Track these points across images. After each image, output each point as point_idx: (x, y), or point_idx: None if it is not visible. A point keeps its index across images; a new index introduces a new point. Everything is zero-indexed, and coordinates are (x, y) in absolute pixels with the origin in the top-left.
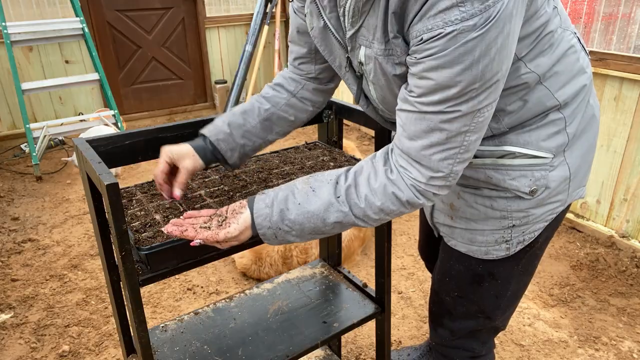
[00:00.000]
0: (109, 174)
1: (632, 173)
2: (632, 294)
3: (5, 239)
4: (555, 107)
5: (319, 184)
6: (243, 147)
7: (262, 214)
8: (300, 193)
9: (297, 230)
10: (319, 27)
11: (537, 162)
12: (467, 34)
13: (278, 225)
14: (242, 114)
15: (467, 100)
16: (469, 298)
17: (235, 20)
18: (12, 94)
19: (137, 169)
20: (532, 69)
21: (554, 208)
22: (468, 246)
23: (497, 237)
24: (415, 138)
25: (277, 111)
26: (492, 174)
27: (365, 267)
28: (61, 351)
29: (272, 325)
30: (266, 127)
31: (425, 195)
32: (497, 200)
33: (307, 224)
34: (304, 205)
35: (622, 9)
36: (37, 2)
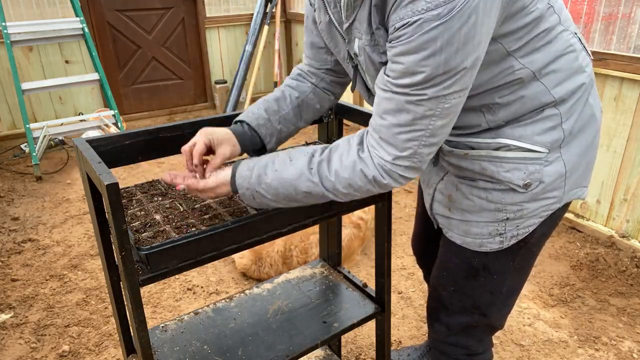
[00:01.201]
0: (109, 174)
1: (632, 173)
2: (632, 294)
3: (5, 239)
4: (551, 103)
5: (297, 155)
6: (280, 132)
7: (242, 175)
8: (279, 161)
9: (272, 195)
10: (325, 21)
11: (532, 155)
12: (430, 23)
13: (255, 187)
14: (276, 101)
15: (432, 86)
16: (464, 292)
17: (235, 20)
18: (12, 94)
19: (137, 169)
20: (525, 65)
21: (548, 204)
22: (463, 238)
23: (491, 230)
24: (385, 116)
25: (306, 99)
26: (487, 166)
27: (365, 267)
28: (61, 351)
29: (272, 325)
30: (297, 113)
31: (390, 175)
32: (492, 193)
33: (280, 190)
34: (280, 171)
35: (622, 9)
36: (37, 2)
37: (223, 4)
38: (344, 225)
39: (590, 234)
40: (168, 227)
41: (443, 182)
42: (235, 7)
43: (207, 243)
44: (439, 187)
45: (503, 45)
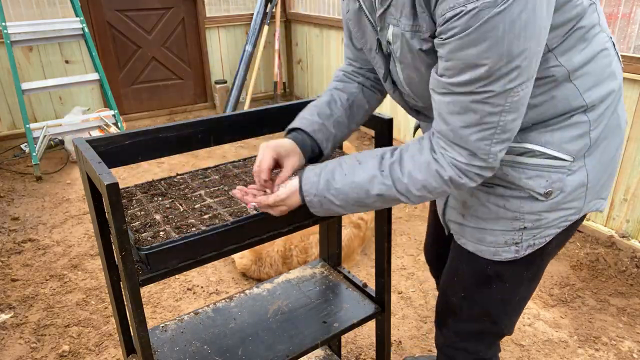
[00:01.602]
0: (109, 174)
1: (632, 173)
2: (632, 294)
3: (5, 239)
4: (581, 109)
5: (366, 158)
6: (335, 136)
7: (310, 181)
8: (347, 165)
9: (341, 200)
10: (354, 9)
11: (556, 163)
12: (489, 10)
13: (324, 193)
14: (327, 104)
15: (497, 79)
16: (474, 300)
17: (235, 20)
18: (12, 94)
19: (137, 169)
20: (561, 63)
21: (568, 215)
22: (477, 245)
23: (507, 239)
24: (450, 119)
25: (356, 100)
26: (508, 171)
27: (365, 267)
28: (61, 351)
29: (272, 325)
30: (349, 115)
31: (467, 175)
32: (510, 200)
33: (351, 194)
34: (350, 176)
35: (622, 9)
36: (37, 2)
37: (223, 4)
38: (344, 225)
39: (590, 234)
40: (168, 227)
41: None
42: (235, 7)
43: (207, 243)
44: (452, 193)
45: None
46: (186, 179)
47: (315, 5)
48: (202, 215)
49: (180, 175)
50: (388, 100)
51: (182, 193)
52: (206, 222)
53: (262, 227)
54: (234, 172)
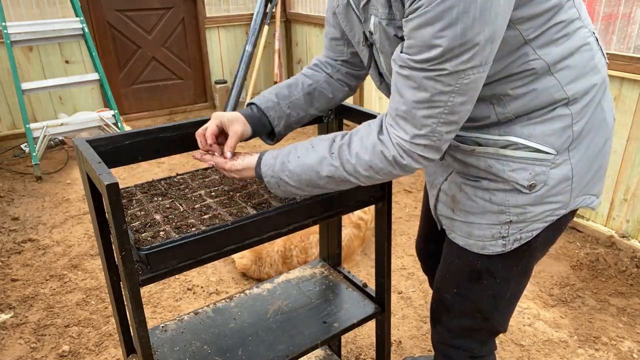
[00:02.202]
0: (109, 174)
1: (632, 173)
2: (632, 294)
3: (5, 239)
4: (563, 101)
5: (318, 142)
6: (289, 116)
7: (267, 163)
8: (301, 148)
9: (295, 181)
10: (343, 4)
11: (539, 156)
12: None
13: (279, 174)
14: (287, 87)
15: (450, 59)
16: (466, 296)
17: (235, 20)
18: (12, 94)
19: (137, 169)
20: (540, 56)
21: (553, 209)
22: (466, 239)
23: (494, 232)
24: (403, 93)
25: (318, 87)
26: (493, 163)
27: (365, 267)
28: (61, 351)
29: (272, 325)
30: (308, 100)
31: (410, 155)
32: (495, 194)
33: (303, 175)
34: (302, 158)
35: (622, 9)
36: (37, 2)
37: (223, 4)
38: (344, 225)
39: (590, 234)
40: (168, 227)
41: (447, 183)
42: (235, 7)
43: (207, 243)
44: (443, 188)
45: (520, 32)
46: (186, 179)
47: (315, 5)
48: (202, 215)
49: (180, 175)
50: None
51: (182, 193)
52: (206, 222)
53: (262, 227)
54: None
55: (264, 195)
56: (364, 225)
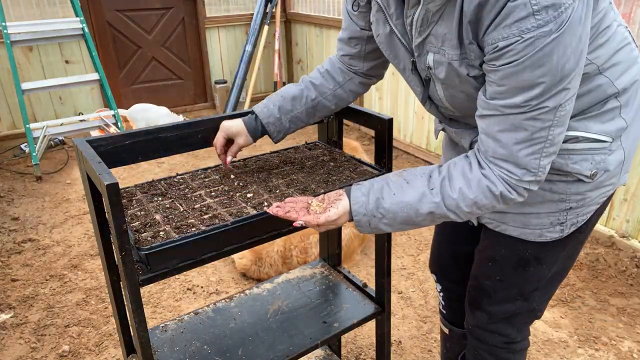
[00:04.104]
0: (109, 174)
1: (632, 173)
2: (632, 294)
3: (5, 239)
4: (614, 95)
5: (413, 177)
6: (288, 129)
7: (359, 201)
8: (395, 184)
9: (389, 219)
10: (385, 33)
11: (598, 146)
12: (545, 39)
13: (373, 212)
14: (292, 100)
15: (550, 97)
16: (510, 282)
17: (235, 20)
18: (12, 94)
19: (137, 169)
20: (592, 60)
21: (607, 191)
22: (521, 230)
23: (553, 220)
24: (501, 138)
25: (323, 100)
26: (555, 159)
27: (365, 267)
28: (61, 351)
29: (272, 325)
30: (310, 114)
31: (517, 190)
32: (556, 184)
33: (400, 213)
34: (399, 195)
35: (622, 9)
36: (37, 2)
37: (223, 4)
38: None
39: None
40: (168, 227)
41: None
42: (235, 7)
43: (207, 243)
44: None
45: None
46: (186, 179)
47: (315, 5)
48: (202, 215)
49: (180, 175)
50: (387, 99)
51: (182, 193)
52: (206, 222)
53: (262, 227)
54: (234, 172)
55: (264, 195)
56: None
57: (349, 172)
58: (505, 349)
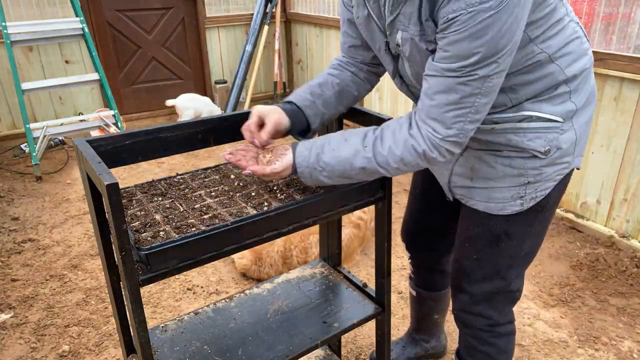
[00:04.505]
0: (109, 174)
1: (632, 173)
2: (632, 294)
3: (5, 239)
4: (564, 81)
5: (350, 136)
6: (323, 115)
7: (302, 155)
8: (335, 141)
9: (328, 172)
10: (364, 15)
11: (550, 125)
12: (484, 14)
13: (314, 165)
14: (320, 85)
15: (483, 67)
16: (486, 259)
17: (235, 20)
18: (12, 94)
19: (137, 169)
20: (543, 50)
21: (561, 169)
22: (486, 204)
23: (513, 194)
24: (435, 97)
25: (345, 86)
26: (511, 137)
27: (365, 267)
28: (61, 351)
29: (272, 325)
30: (339, 98)
31: (438, 150)
32: (515, 160)
33: (337, 167)
34: (337, 151)
35: (622, 9)
36: (37, 2)
37: (223, 4)
38: (344, 225)
39: (590, 234)
40: (168, 227)
41: (463, 157)
42: (235, 7)
43: (207, 243)
44: (459, 162)
45: (527, 33)
46: (186, 179)
47: (315, 5)
48: (202, 215)
49: (180, 175)
50: (387, 99)
51: (182, 193)
52: (206, 222)
53: (262, 227)
54: (234, 172)
55: (264, 195)
56: (364, 225)
57: None
58: (489, 332)
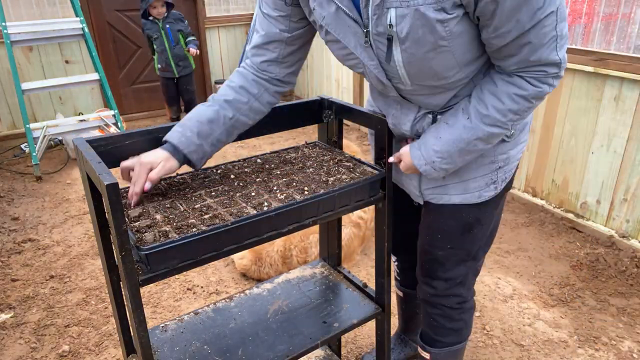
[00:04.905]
0: (109, 174)
1: (632, 173)
2: (632, 294)
3: (5, 239)
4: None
5: (449, 117)
6: (210, 153)
7: (415, 155)
8: (438, 130)
9: (447, 158)
10: (331, 13)
11: None
12: None
13: (432, 159)
14: (209, 123)
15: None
16: (460, 247)
17: (235, 20)
18: (12, 94)
19: None
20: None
21: (521, 148)
22: (462, 195)
23: (487, 180)
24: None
25: (240, 117)
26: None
27: (365, 267)
28: (61, 351)
29: (272, 325)
30: (229, 133)
31: (547, 83)
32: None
33: (452, 149)
34: (445, 136)
35: (622, 9)
36: (37, 2)
37: (223, 4)
38: (344, 224)
39: (590, 234)
40: (168, 227)
41: None
42: (235, 7)
43: (207, 243)
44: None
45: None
46: (186, 179)
47: None
48: (202, 215)
49: (180, 175)
50: None
51: (183, 193)
52: (206, 222)
53: (262, 227)
54: (234, 172)
55: (264, 195)
56: (364, 225)
57: (349, 172)
58: (458, 309)
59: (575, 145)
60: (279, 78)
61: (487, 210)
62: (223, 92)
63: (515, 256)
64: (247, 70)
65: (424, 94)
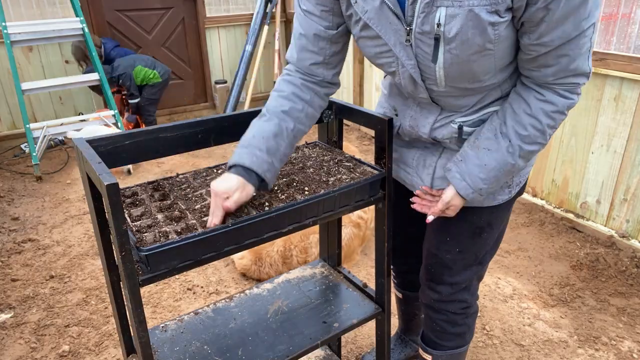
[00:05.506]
0: (109, 174)
1: (632, 173)
2: (632, 294)
3: (5, 239)
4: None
5: (485, 141)
6: (278, 170)
7: (461, 187)
8: (478, 156)
9: (492, 183)
10: (375, 7)
11: None
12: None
13: (478, 186)
14: (275, 137)
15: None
16: (468, 251)
17: (235, 20)
18: (12, 94)
19: (137, 169)
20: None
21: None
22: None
23: (502, 184)
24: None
25: (299, 126)
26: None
27: (365, 267)
28: (61, 351)
29: (272, 325)
30: (292, 144)
31: (576, 92)
32: None
33: (499, 174)
34: (488, 163)
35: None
36: (37, 2)
37: (223, 4)
38: (344, 224)
39: (590, 234)
40: (168, 228)
41: (443, 158)
42: (235, 7)
43: (207, 243)
44: (439, 164)
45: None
46: (188, 179)
47: None
48: (202, 215)
49: (181, 175)
50: None
51: (183, 193)
52: (206, 222)
53: (262, 227)
54: None
55: (264, 195)
56: (364, 225)
57: (349, 172)
58: (462, 314)
59: (575, 145)
60: (327, 80)
61: (499, 214)
62: (276, 103)
63: (515, 256)
64: (294, 76)
65: (454, 95)
